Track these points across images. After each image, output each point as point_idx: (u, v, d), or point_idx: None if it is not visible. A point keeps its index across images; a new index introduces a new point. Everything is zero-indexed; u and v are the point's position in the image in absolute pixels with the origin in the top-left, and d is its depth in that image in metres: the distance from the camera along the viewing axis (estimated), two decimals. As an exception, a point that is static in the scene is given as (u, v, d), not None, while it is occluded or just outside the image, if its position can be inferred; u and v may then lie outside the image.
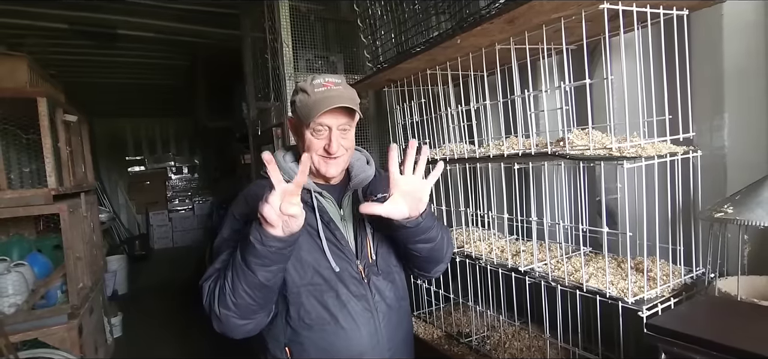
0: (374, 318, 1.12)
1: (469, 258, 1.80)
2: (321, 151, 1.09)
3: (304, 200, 1.06)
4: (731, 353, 0.84)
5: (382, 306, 1.15)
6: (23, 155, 3.06)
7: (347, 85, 1.14)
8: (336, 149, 1.08)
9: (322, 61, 2.66)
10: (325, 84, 1.08)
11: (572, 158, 1.27)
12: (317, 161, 1.10)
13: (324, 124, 1.06)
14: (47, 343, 2.52)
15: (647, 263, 1.29)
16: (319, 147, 1.09)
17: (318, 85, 1.08)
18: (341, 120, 1.08)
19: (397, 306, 1.20)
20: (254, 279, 0.96)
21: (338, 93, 1.07)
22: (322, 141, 1.08)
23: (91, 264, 3.22)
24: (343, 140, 1.10)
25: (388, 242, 1.20)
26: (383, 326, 1.14)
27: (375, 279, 1.15)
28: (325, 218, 1.11)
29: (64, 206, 2.56)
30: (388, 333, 1.15)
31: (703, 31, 1.35)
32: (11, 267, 2.54)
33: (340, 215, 1.16)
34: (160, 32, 4.43)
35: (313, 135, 1.08)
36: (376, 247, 1.17)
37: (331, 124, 1.07)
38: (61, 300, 2.65)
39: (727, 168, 1.34)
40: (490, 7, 1.33)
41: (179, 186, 9.15)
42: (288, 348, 1.09)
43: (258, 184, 1.17)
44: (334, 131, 1.08)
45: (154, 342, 4.05)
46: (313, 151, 1.09)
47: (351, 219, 1.17)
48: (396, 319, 1.19)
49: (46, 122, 2.50)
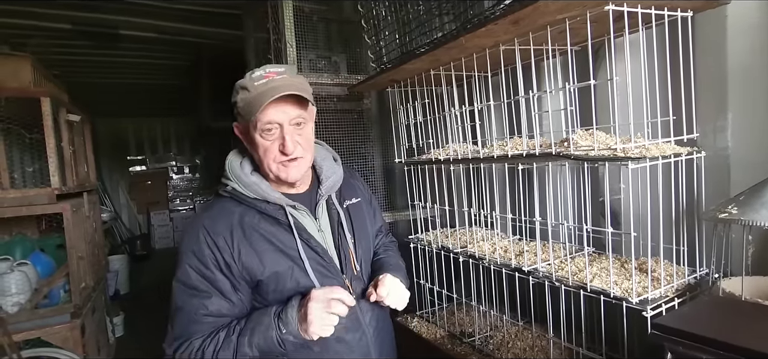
0: (365, 335, 1.07)
1: (472, 258, 1.80)
2: (276, 153, 0.97)
3: (276, 217, 0.99)
4: (737, 352, 0.84)
5: (370, 321, 1.09)
6: (26, 154, 3.06)
7: (295, 72, 1.02)
8: (292, 147, 0.96)
9: (324, 61, 2.66)
10: (266, 75, 0.96)
11: (576, 159, 1.27)
12: (275, 168, 0.98)
13: (272, 121, 0.94)
14: (50, 342, 2.52)
15: (651, 264, 1.29)
16: (274, 150, 0.97)
17: (258, 78, 0.96)
18: (292, 113, 0.96)
19: (384, 317, 1.16)
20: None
21: (282, 81, 0.94)
22: (275, 141, 0.96)
23: (94, 264, 3.22)
24: (299, 137, 0.98)
25: (366, 248, 1.14)
26: (374, 340, 1.09)
27: (362, 293, 1.08)
28: (304, 235, 1.01)
29: (67, 206, 2.57)
30: (380, 347, 1.11)
31: (707, 32, 1.36)
32: (14, 267, 2.55)
33: (316, 227, 1.06)
34: (162, 33, 4.44)
35: (262, 137, 0.96)
36: (359, 259, 1.09)
37: (281, 119, 0.95)
38: (64, 300, 2.66)
39: (730, 169, 1.35)
40: (495, 8, 1.34)
41: (180, 186, 9.16)
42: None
43: (216, 208, 1.02)
44: (287, 127, 0.96)
45: (155, 341, 4.02)
46: (268, 156, 0.97)
47: (328, 229, 1.08)
48: (384, 331, 1.15)
49: (49, 122, 2.51)
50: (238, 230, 0.97)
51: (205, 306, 0.93)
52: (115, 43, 4.59)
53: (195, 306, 0.94)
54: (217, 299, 0.94)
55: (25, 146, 3.00)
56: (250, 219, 0.99)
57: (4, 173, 2.73)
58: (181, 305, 0.95)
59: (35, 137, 2.85)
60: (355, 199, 1.15)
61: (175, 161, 9.27)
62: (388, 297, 1.02)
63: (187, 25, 4.28)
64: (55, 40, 4.37)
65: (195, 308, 0.93)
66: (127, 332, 4.24)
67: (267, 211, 1.00)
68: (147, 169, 9.09)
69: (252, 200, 1.00)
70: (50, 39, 4.34)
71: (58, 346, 2.53)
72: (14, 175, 2.88)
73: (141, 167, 9.07)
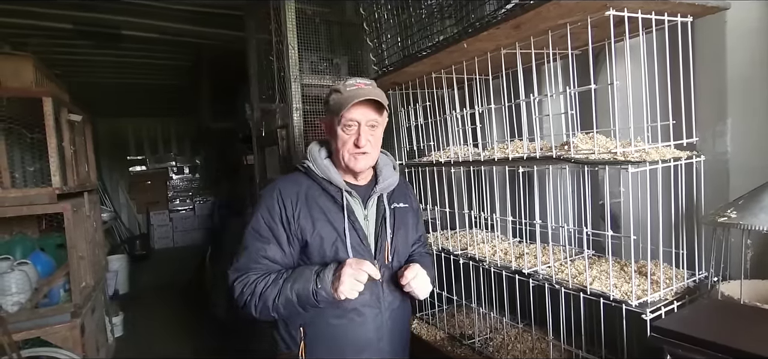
0: (381, 315, 1.23)
1: (472, 260, 1.81)
2: (350, 146, 1.20)
3: (334, 196, 1.22)
4: (736, 355, 0.85)
5: (390, 305, 1.25)
6: (27, 154, 3.06)
7: (377, 87, 1.25)
8: (364, 143, 1.19)
9: (326, 63, 2.67)
10: (357, 84, 1.21)
11: (577, 162, 1.28)
12: (347, 158, 1.21)
13: (353, 119, 1.18)
14: (50, 342, 2.52)
15: (650, 267, 1.30)
16: (349, 142, 1.20)
17: (350, 85, 1.21)
18: (370, 116, 1.19)
19: (403, 306, 1.31)
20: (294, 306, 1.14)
21: (367, 90, 1.19)
22: (352, 136, 1.19)
23: (94, 264, 3.22)
24: (371, 136, 1.21)
25: (402, 248, 1.31)
26: (388, 323, 1.25)
27: (387, 279, 1.25)
28: (352, 217, 1.22)
29: (67, 206, 2.57)
30: (391, 332, 1.26)
31: (707, 37, 1.37)
32: (15, 266, 2.55)
33: (364, 214, 1.25)
34: (164, 33, 4.44)
35: (343, 131, 1.19)
36: (393, 252, 1.27)
37: (360, 119, 1.18)
38: (64, 299, 2.66)
39: (729, 173, 1.36)
40: (496, 12, 1.35)
41: (180, 186, 9.16)
42: (302, 328, 1.20)
43: (291, 178, 1.26)
44: (363, 127, 1.19)
45: (154, 341, 4.05)
46: (344, 148, 1.20)
47: (373, 220, 1.27)
48: (400, 318, 1.30)
49: (51, 122, 2.51)
50: (303, 197, 1.21)
51: (265, 249, 1.18)
52: (116, 43, 4.59)
53: (257, 248, 1.18)
54: (275, 246, 1.18)
55: (26, 145, 3.00)
56: (314, 192, 1.23)
57: (5, 173, 2.73)
58: (247, 245, 1.19)
59: (36, 137, 2.85)
60: (404, 204, 1.35)
61: (175, 161, 9.27)
62: (414, 279, 1.20)
63: (187, 26, 4.28)
64: (56, 39, 4.37)
65: (257, 249, 1.18)
66: (127, 332, 4.24)
67: (328, 190, 1.23)
68: (147, 169, 9.08)
69: (320, 179, 1.24)
70: (51, 39, 4.34)
71: (57, 346, 2.53)
72: (15, 174, 2.88)
73: (141, 167, 9.07)
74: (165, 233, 8.71)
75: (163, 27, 4.29)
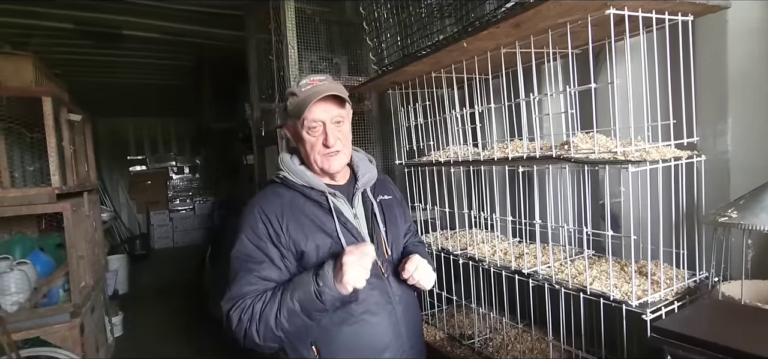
0: (395, 311, 1.19)
1: (472, 260, 1.81)
2: (320, 147, 1.15)
3: (319, 201, 1.17)
4: (736, 355, 0.85)
5: (400, 298, 1.21)
6: (27, 153, 3.06)
7: (333, 79, 1.19)
8: (333, 141, 1.13)
9: (326, 62, 2.67)
10: (312, 82, 1.16)
11: (577, 162, 1.28)
12: (320, 160, 1.16)
13: (316, 119, 1.12)
14: (49, 341, 2.52)
15: (651, 267, 1.29)
16: (318, 144, 1.14)
17: (304, 84, 1.15)
18: (333, 112, 1.14)
19: (412, 298, 1.28)
20: (303, 319, 1.05)
21: (324, 86, 1.13)
22: (319, 137, 1.14)
23: (93, 263, 3.22)
24: (339, 133, 1.15)
25: (397, 238, 1.28)
26: (403, 317, 1.20)
27: (392, 273, 1.22)
28: (342, 219, 1.17)
29: (67, 205, 2.57)
30: (407, 324, 1.22)
31: (707, 36, 1.36)
32: (14, 266, 2.54)
33: (353, 213, 1.21)
34: (164, 33, 4.44)
35: (309, 134, 1.14)
36: (391, 244, 1.24)
37: (324, 118, 1.13)
38: (63, 299, 2.65)
39: (730, 173, 1.35)
40: (496, 11, 1.34)
41: (180, 186, 9.17)
42: (315, 347, 1.13)
43: (270, 191, 1.19)
44: (329, 125, 1.13)
45: (154, 341, 4.05)
46: (314, 151, 1.15)
47: (363, 217, 1.23)
48: (412, 310, 1.26)
49: (50, 122, 2.51)
50: (287, 208, 1.15)
51: (258, 270, 1.10)
52: (116, 43, 4.59)
53: (249, 269, 1.10)
54: (268, 266, 1.11)
55: (25, 145, 3.00)
56: (297, 201, 1.17)
57: (4, 172, 2.73)
58: (237, 271, 1.11)
59: (36, 137, 2.85)
60: (388, 196, 1.32)
61: (175, 161, 9.27)
62: (416, 271, 1.16)
63: (188, 26, 4.28)
64: (56, 39, 4.37)
65: (249, 271, 1.10)
66: (126, 332, 4.24)
67: (311, 196, 1.17)
68: (147, 169, 9.09)
69: (300, 186, 1.18)
70: (52, 38, 4.34)
71: (57, 345, 2.52)
72: (15, 174, 2.87)
73: (141, 166, 9.07)
74: (165, 233, 8.71)
75: (164, 27, 4.29)
